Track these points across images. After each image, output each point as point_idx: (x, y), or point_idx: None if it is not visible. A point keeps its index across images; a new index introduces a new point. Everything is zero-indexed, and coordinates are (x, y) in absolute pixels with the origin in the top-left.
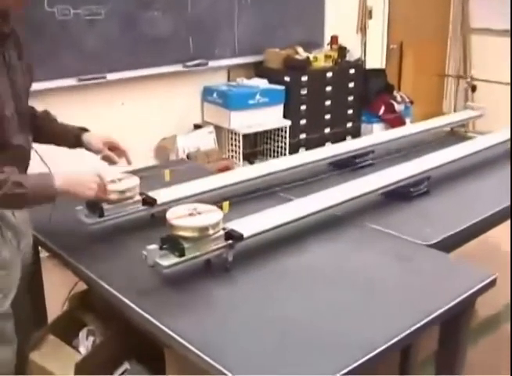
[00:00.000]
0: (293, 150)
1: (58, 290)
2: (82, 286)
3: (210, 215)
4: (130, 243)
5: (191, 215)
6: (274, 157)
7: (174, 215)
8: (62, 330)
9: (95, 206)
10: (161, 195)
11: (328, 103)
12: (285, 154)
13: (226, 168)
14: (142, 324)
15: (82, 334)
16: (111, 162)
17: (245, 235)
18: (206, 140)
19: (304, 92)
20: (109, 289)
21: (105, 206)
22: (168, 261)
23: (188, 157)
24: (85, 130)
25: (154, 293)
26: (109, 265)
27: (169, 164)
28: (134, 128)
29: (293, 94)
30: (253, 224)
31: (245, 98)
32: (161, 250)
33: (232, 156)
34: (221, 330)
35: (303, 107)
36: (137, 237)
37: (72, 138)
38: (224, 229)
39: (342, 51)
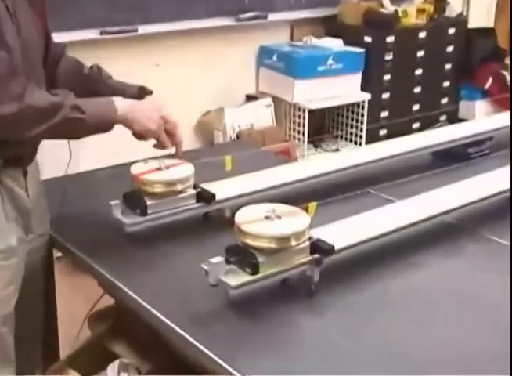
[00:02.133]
0: (372, 131)
1: (75, 303)
2: (107, 301)
3: (294, 220)
4: (180, 251)
5: (268, 218)
6: (347, 140)
7: (246, 218)
8: (84, 362)
9: (136, 201)
10: (219, 189)
11: (419, 72)
12: (361, 137)
13: (286, 152)
14: (199, 362)
15: (112, 368)
16: (161, 146)
17: (336, 247)
18: (261, 116)
19: (389, 56)
20: (152, 310)
21: (149, 201)
22: (237, 279)
23: (238, 136)
24: (146, 91)
25: (217, 321)
26: (152, 278)
27: (217, 147)
28: (169, 97)
29: (374, 59)
30: (345, 232)
31: (313, 63)
32: (228, 263)
33: (294, 137)
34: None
35: (386, 77)
36: (189, 243)
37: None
38: (310, 239)
39: (440, 3)
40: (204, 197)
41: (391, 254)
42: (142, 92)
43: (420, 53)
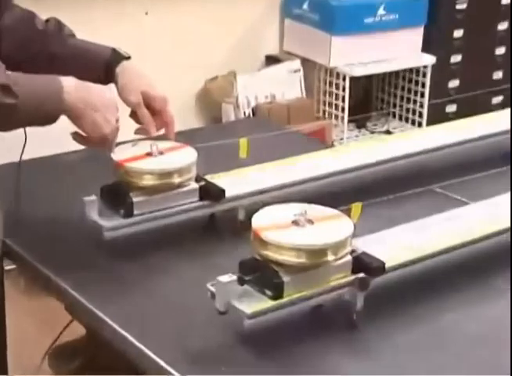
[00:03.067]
0: (437, 107)
1: (32, 332)
2: (76, 330)
3: (331, 227)
4: (178, 265)
5: (296, 223)
6: (402, 119)
7: (267, 223)
8: None
9: (118, 197)
10: (231, 182)
11: (503, 26)
12: (421, 115)
13: (319, 134)
14: None
15: None
16: (144, 131)
17: (388, 264)
18: (286, 84)
19: (461, 5)
20: (138, 345)
21: (136, 198)
22: (254, 305)
23: (254, 111)
24: (121, 56)
25: (226, 361)
26: (139, 302)
27: (227, 126)
28: (162, 57)
29: (442, 9)
30: (399, 244)
31: (358, 13)
32: (241, 284)
33: (330, 113)
34: None
35: (458, 33)
36: (190, 256)
37: (100, 68)
38: (352, 252)
39: None
40: (210, 192)
41: (461, 275)
42: (116, 57)
43: (506, 0)
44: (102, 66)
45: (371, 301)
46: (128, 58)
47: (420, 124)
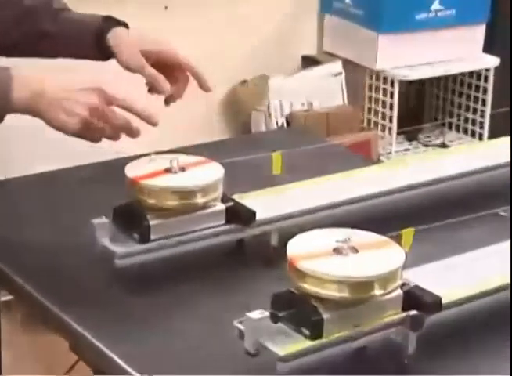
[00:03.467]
0: (501, 117)
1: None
2: (83, 372)
3: (379, 256)
4: (200, 298)
5: (339, 252)
6: (460, 130)
7: (304, 251)
8: None
9: (132, 220)
10: (262, 203)
11: None
12: (482, 125)
13: (364, 148)
14: None
15: None
16: (156, 90)
17: (445, 300)
18: (326, 89)
19: None
20: None
21: (153, 221)
22: (288, 346)
23: (288, 121)
24: (113, 22)
25: None
26: (157, 341)
27: (257, 138)
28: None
29: (506, 3)
30: (458, 277)
31: (409, 8)
32: (275, 321)
33: (377, 123)
34: None
35: None
36: (214, 288)
37: (89, 38)
38: (403, 286)
39: None
40: (239, 215)
41: None
42: (107, 24)
43: None
44: (92, 37)
45: (425, 343)
46: (123, 24)
47: (480, 137)
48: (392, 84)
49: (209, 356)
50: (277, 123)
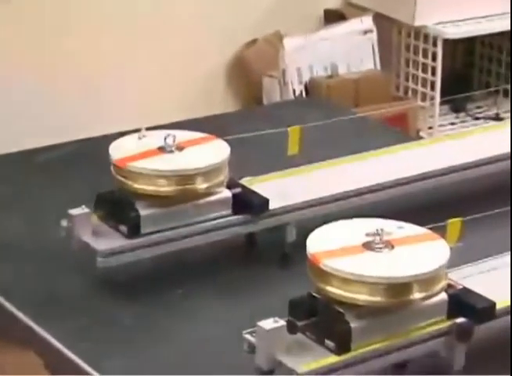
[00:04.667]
0: None
1: None
2: None
3: (418, 252)
4: (202, 304)
5: (369, 247)
6: None
7: (328, 247)
8: None
9: (119, 210)
10: (276, 189)
11: None
12: None
13: (400, 120)
14: None
15: None
16: None
17: (499, 305)
18: (354, 51)
19: None
20: None
21: (143, 211)
22: (309, 362)
23: (308, 88)
24: None
25: None
26: (149, 355)
27: (271, 109)
28: (181, 15)
29: None
30: (502, 280)
31: None
32: (292, 332)
33: (416, 91)
34: None
35: None
36: (219, 291)
37: None
38: (448, 288)
39: None
40: (249, 203)
41: None
42: None
43: None
44: None
45: (475, 357)
46: None
47: None
48: (435, 44)
49: (220, 370)
50: (294, 92)
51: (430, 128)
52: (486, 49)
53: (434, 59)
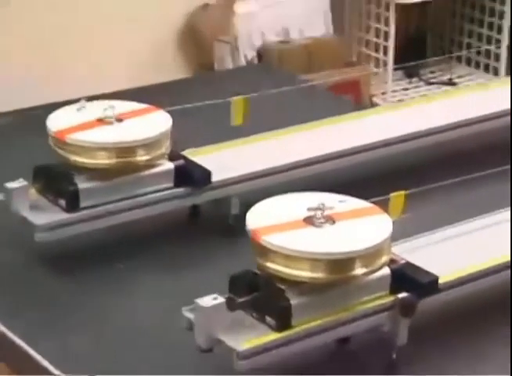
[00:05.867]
0: None
1: None
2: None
3: (361, 227)
4: (141, 279)
5: (312, 222)
6: (471, 64)
7: (269, 221)
8: None
9: (57, 183)
10: (220, 161)
11: None
12: (497, 58)
13: (353, 88)
14: None
15: None
16: None
17: (442, 280)
18: (306, 15)
19: None
20: None
21: (83, 184)
22: (250, 339)
23: (260, 54)
24: None
25: None
26: (85, 334)
27: (219, 77)
28: None
29: None
30: (457, 251)
31: None
32: (232, 309)
33: (369, 57)
34: None
35: None
36: (160, 266)
37: None
38: (391, 263)
39: None
40: (191, 176)
41: None
42: None
43: None
44: None
45: (418, 332)
46: None
47: (496, 72)
48: (387, 8)
49: (152, 352)
50: (246, 57)
51: (383, 93)
52: (439, 14)
53: (386, 23)
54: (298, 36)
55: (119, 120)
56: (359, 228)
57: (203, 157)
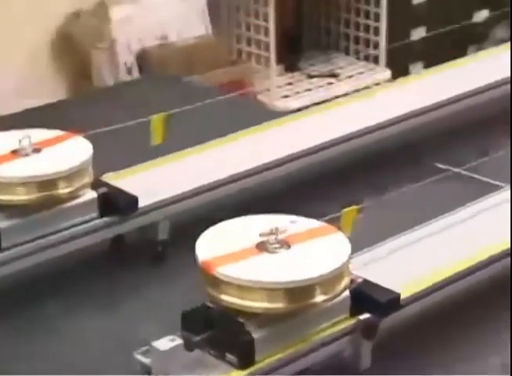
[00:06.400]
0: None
1: None
2: None
3: (315, 250)
4: (74, 321)
5: (264, 248)
6: (348, 54)
7: (219, 251)
8: None
9: None
10: (144, 184)
11: None
12: (376, 47)
13: (238, 85)
14: None
15: None
16: None
17: (404, 295)
18: (182, 17)
19: None
20: None
21: (2, 223)
22: None
23: (139, 59)
24: None
25: None
26: None
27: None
28: None
29: None
30: (415, 262)
31: None
32: (190, 349)
33: (250, 53)
34: None
35: None
36: (92, 306)
37: None
38: (351, 283)
39: None
40: (116, 203)
41: None
42: None
43: None
44: None
45: (382, 353)
46: None
47: (376, 60)
48: (266, 3)
49: None
50: (126, 64)
51: (268, 90)
52: (314, 6)
53: (265, 19)
54: (177, 38)
55: (36, 150)
56: (317, 251)
57: (125, 180)
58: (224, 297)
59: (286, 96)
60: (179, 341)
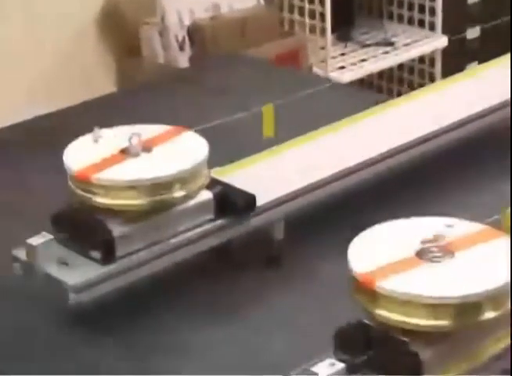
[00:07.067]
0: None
1: None
2: None
3: (490, 257)
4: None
5: (423, 255)
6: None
7: (373, 260)
8: None
9: (87, 232)
10: (255, 182)
11: None
12: (432, 13)
13: (293, 57)
14: None
15: None
16: None
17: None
18: None
19: None
20: None
21: (117, 230)
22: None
23: (191, 33)
24: None
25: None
26: None
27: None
28: None
29: None
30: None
31: None
32: (352, 372)
33: (302, 23)
34: None
35: None
36: (211, 317)
37: None
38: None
39: None
40: (233, 203)
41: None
42: None
43: None
44: None
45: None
46: None
47: (432, 27)
48: None
49: None
50: (177, 39)
51: (322, 61)
52: None
53: None
54: (228, 9)
55: (147, 149)
56: (488, 257)
57: (234, 175)
58: (382, 311)
59: (342, 68)
60: (340, 365)
